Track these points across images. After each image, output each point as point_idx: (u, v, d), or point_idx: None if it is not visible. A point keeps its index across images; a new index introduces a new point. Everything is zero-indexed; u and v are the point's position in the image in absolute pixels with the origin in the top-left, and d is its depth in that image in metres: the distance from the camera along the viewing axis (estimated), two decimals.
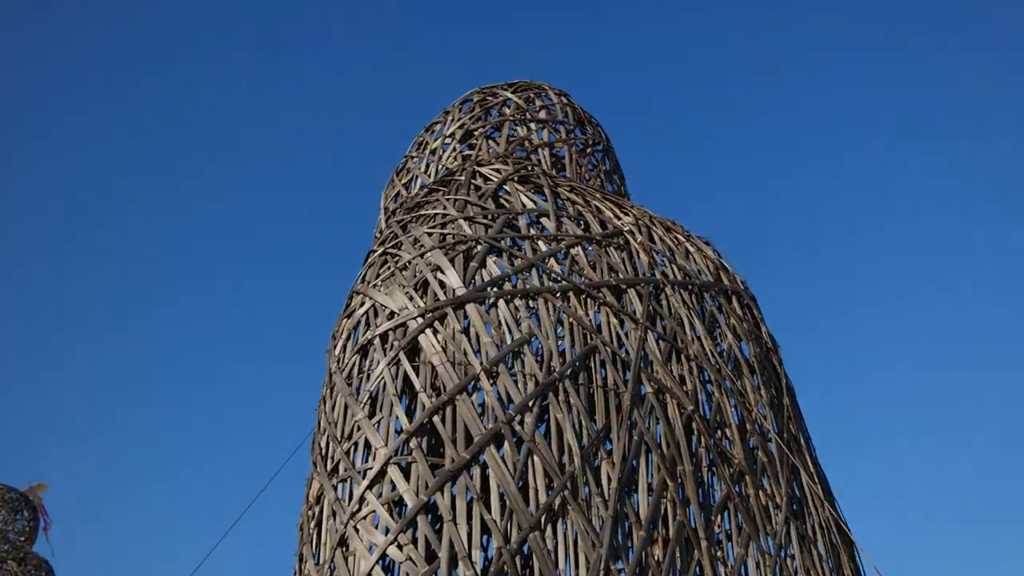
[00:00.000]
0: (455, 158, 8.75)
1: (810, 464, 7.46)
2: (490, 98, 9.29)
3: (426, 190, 7.97)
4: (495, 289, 6.80)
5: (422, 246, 7.06)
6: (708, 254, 8.32)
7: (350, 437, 6.29)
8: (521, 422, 6.21)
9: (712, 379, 7.24)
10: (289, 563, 6.39)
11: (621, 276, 7.35)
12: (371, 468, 5.97)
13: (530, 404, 6.28)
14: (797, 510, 7.00)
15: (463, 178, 7.76)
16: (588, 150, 9.30)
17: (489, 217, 7.35)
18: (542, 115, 9.19)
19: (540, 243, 7.28)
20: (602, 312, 7.11)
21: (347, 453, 6.20)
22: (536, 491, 5.94)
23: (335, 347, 6.99)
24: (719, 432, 7.01)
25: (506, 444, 6.10)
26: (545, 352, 6.64)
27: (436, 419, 6.13)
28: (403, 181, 9.13)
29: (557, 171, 8.70)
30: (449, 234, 7.11)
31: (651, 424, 6.68)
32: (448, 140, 9.11)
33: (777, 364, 8.01)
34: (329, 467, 6.27)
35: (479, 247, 7.04)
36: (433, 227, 7.23)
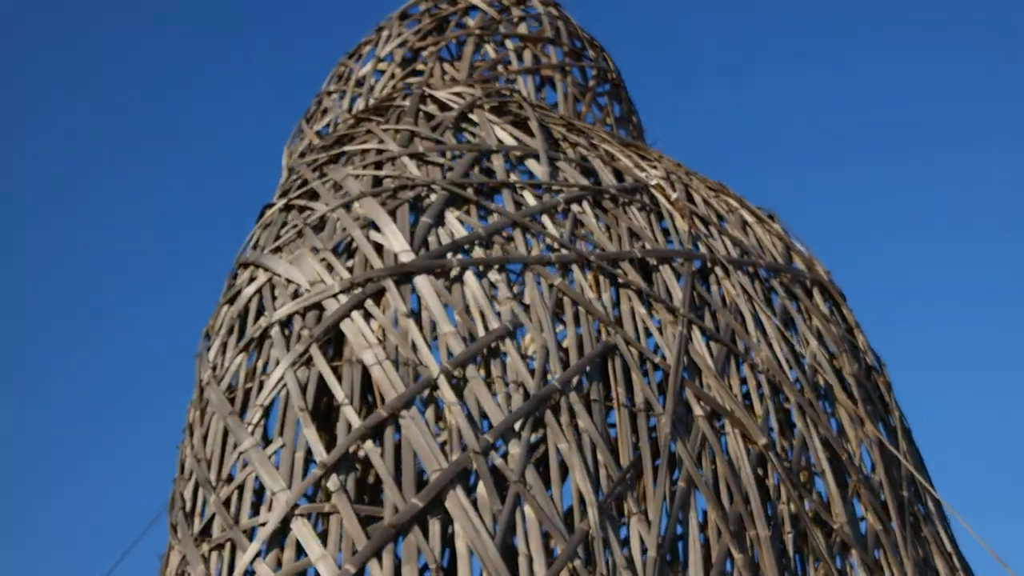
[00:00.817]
0: (394, 90, 8.12)
1: (944, 539, 6.81)
2: (445, 6, 8.73)
3: (351, 119, 7.31)
4: (459, 256, 6.13)
5: (346, 193, 6.37)
6: (774, 228, 7.77)
7: (231, 480, 5.50)
8: (504, 454, 5.50)
9: (792, 401, 6.60)
10: None
11: (649, 246, 6.72)
12: (264, 524, 5.20)
13: (517, 427, 5.57)
14: None
15: (408, 103, 7.12)
16: (591, 84, 8.75)
17: (449, 156, 6.71)
18: (522, 29, 8.63)
19: (526, 194, 6.64)
20: (622, 296, 6.46)
21: (226, 503, 5.41)
22: (529, 559, 5.19)
23: (209, 349, 6.23)
24: (806, 480, 6.36)
25: (480, 485, 5.36)
26: (538, 350, 5.95)
27: (369, 446, 5.38)
28: (316, 128, 8.48)
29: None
30: (388, 176, 6.44)
31: (704, 463, 6.00)
32: (382, 66, 8.50)
33: (885, 391, 7.41)
34: (197, 527, 5.47)
35: (433, 195, 6.38)
36: (363, 166, 6.55)
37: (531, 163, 6.89)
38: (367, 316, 5.79)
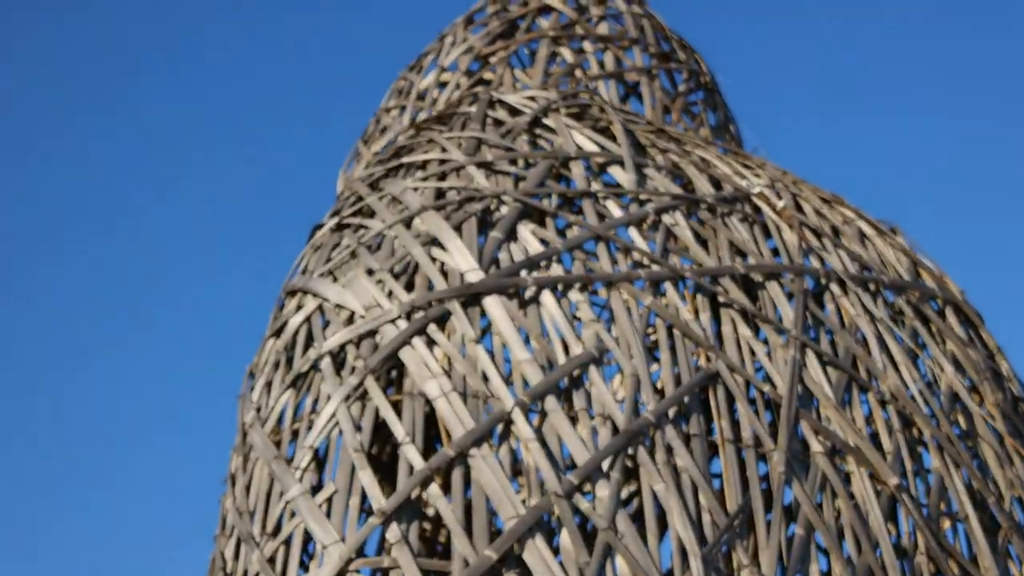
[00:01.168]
0: (459, 99, 7.90)
1: None
2: (515, 8, 8.51)
3: (411, 130, 7.09)
4: (534, 274, 5.83)
5: (405, 208, 6.13)
6: (898, 242, 7.35)
7: (278, 532, 5.23)
8: (591, 497, 5.15)
9: (927, 436, 6.16)
10: None
11: (754, 262, 6.36)
12: None
13: (605, 466, 5.23)
14: None
15: (475, 109, 6.88)
16: (681, 90, 8.44)
17: (521, 164, 6.44)
18: (602, 30, 8.37)
19: (610, 204, 6.34)
20: (724, 317, 6.10)
21: (271, 560, 5.13)
22: None
23: (252, 388, 6.00)
24: (946, 527, 5.91)
25: (564, 534, 5.02)
26: (627, 380, 5.61)
27: (434, 490, 5.07)
28: (375, 149, 8.28)
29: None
30: (453, 188, 6.18)
31: (825, 507, 5.58)
32: (446, 76, 8.29)
33: None
34: None
35: (504, 208, 6.10)
36: (424, 178, 6.31)
37: (615, 171, 6.60)
38: (430, 343, 5.52)
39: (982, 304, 7.51)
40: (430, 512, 6.49)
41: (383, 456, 5.95)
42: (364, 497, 5.14)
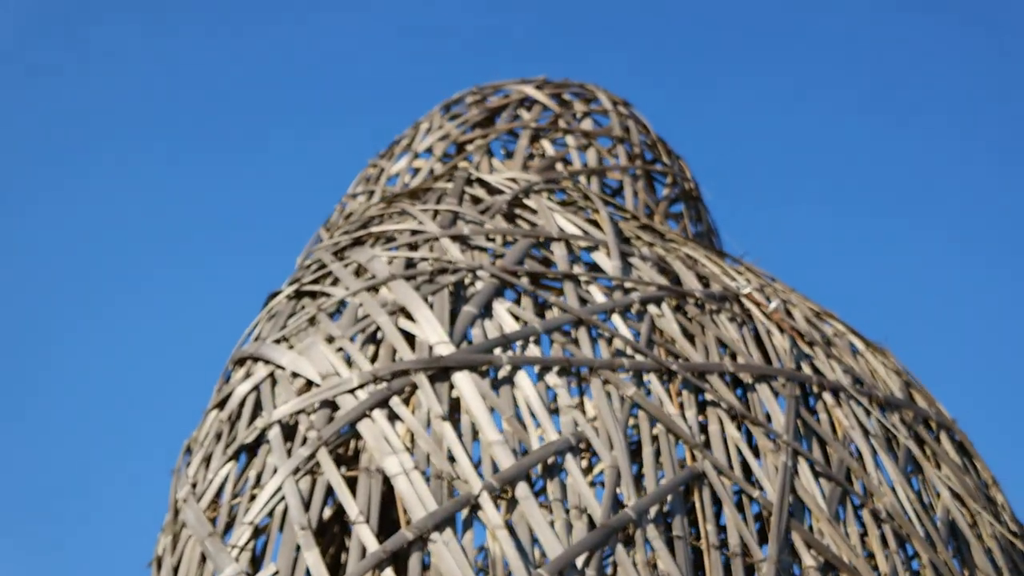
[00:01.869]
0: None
1: None
2: (496, 99, 8.29)
3: (382, 203, 6.75)
4: (510, 353, 5.44)
5: (372, 276, 5.74)
6: (890, 360, 7.05)
7: None
8: None
9: (925, 560, 5.74)
10: None
11: (743, 361, 6.01)
12: None
13: (579, 562, 4.77)
14: None
15: (452, 185, 6.57)
16: (665, 193, 8.20)
17: (499, 241, 6.10)
18: (586, 125, 8.15)
19: (593, 289, 6.00)
20: (711, 415, 5.72)
21: None
22: None
23: (189, 464, 5.51)
24: None
25: None
26: (607, 472, 5.19)
27: (388, 575, 4.58)
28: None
29: None
30: (425, 258, 5.82)
31: None
32: (419, 163, 8.00)
33: None
34: None
35: (480, 283, 5.74)
36: (396, 247, 5.94)
37: (598, 256, 6.28)
38: (392, 417, 5.08)
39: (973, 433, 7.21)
40: None
41: (333, 538, 5.45)
42: None
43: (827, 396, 6.22)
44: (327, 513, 6.03)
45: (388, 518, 5.06)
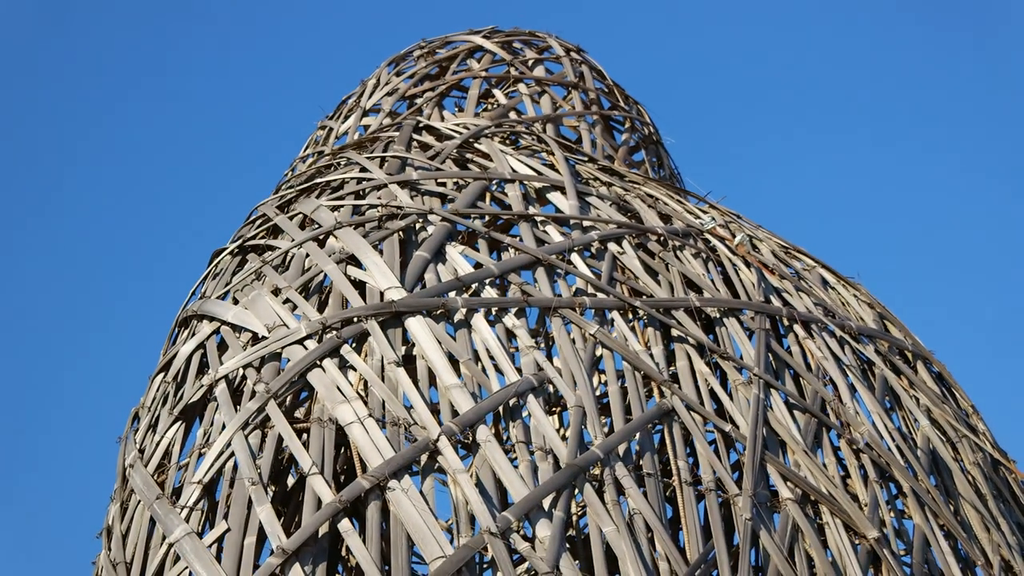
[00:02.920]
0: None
1: None
2: (444, 50, 8.12)
3: (327, 156, 6.58)
4: (465, 296, 5.29)
5: (318, 226, 5.58)
6: (863, 292, 6.93)
7: None
8: (530, 536, 4.54)
9: (906, 488, 5.63)
10: None
11: (709, 296, 5.88)
12: None
13: (546, 504, 4.63)
14: None
15: (399, 133, 6.41)
16: (624, 138, 8.04)
17: (450, 185, 5.95)
18: (539, 73, 7.98)
19: (550, 230, 5.85)
20: (678, 351, 5.59)
21: None
22: None
23: (136, 430, 5.34)
24: None
25: (499, 575, 4.39)
26: (572, 412, 5.05)
27: (346, 526, 4.44)
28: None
29: None
30: (372, 205, 5.66)
31: (796, 559, 5.00)
32: (368, 121, 7.82)
33: (1019, 490, 6.43)
34: None
35: (431, 227, 5.58)
36: (341, 197, 5.78)
37: (555, 197, 6.13)
38: (344, 365, 4.92)
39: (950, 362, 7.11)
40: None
41: (285, 490, 5.28)
42: (262, 535, 4.46)
43: (798, 328, 6.09)
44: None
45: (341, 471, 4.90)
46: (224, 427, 4.79)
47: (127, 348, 16.64)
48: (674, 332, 5.64)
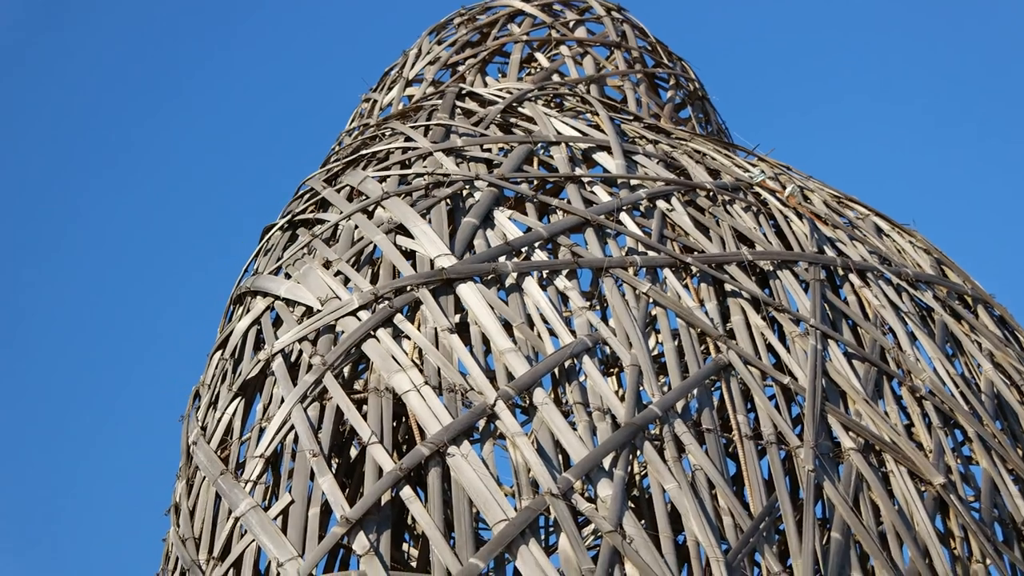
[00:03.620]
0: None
1: None
2: (485, 16, 8.12)
3: (372, 128, 6.62)
4: (515, 260, 5.32)
5: (365, 197, 5.63)
6: (919, 238, 6.89)
7: (226, 555, 4.62)
8: (591, 496, 4.58)
9: (971, 435, 5.60)
10: None
11: (761, 249, 5.87)
12: None
13: (606, 463, 4.66)
14: None
15: (443, 100, 6.43)
16: (670, 95, 8.01)
17: (495, 151, 5.97)
18: (580, 34, 7.97)
19: (598, 190, 5.86)
20: (732, 306, 5.59)
21: None
22: None
23: (197, 408, 5.43)
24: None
25: (562, 538, 4.43)
26: (628, 371, 5.07)
27: (407, 494, 4.49)
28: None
29: None
30: (419, 174, 5.69)
31: (862, 509, 5.00)
32: (412, 91, 7.85)
33: None
34: None
35: (478, 193, 5.61)
36: (387, 167, 5.82)
37: (602, 157, 6.13)
38: (398, 335, 4.97)
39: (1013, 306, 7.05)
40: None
41: (347, 461, 5.35)
42: (326, 506, 4.53)
43: (854, 278, 6.07)
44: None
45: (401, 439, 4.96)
46: (283, 401, 4.86)
47: (186, 328, 16.88)
48: (728, 287, 5.64)
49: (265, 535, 4.51)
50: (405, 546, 5.66)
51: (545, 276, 5.35)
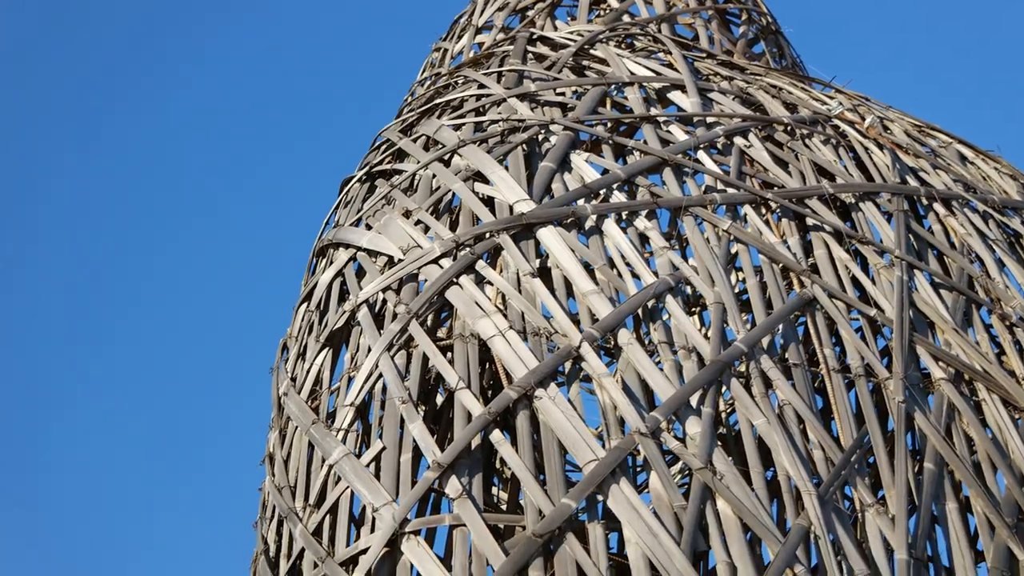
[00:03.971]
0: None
1: None
2: None
3: (444, 76, 6.64)
4: (594, 203, 5.33)
5: (441, 146, 5.66)
6: (1004, 164, 6.79)
7: (321, 502, 4.71)
8: (680, 435, 4.61)
9: None
10: None
11: (842, 181, 5.82)
12: (367, 550, 4.38)
13: (694, 401, 4.68)
14: None
15: (514, 46, 6.43)
16: (743, 30, 7.93)
17: (568, 94, 5.97)
18: None
19: (674, 129, 5.84)
20: (815, 240, 5.57)
21: (317, 533, 4.62)
22: (731, 568, 4.27)
23: (286, 360, 5.53)
24: None
25: (652, 477, 4.47)
26: (712, 309, 5.08)
27: (497, 437, 4.55)
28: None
29: None
30: (494, 120, 5.71)
31: (955, 438, 4.98)
32: (482, 38, 7.84)
33: None
34: (285, 573, 4.70)
35: (553, 137, 5.62)
36: (462, 115, 5.85)
37: (676, 96, 6.11)
38: (480, 281, 5.02)
39: None
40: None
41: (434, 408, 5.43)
42: (417, 452, 4.60)
43: (938, 207, 6.00)
44: None
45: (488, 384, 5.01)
46: (370, 350, 4.93)
47: (271, 283, 17.11)
48: (809, 221, 5.61)
49: (359, 481, 4.59)
50: (494, 490, 5.73)
51: (624, 217, 5.36)
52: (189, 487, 15.82)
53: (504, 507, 5.73)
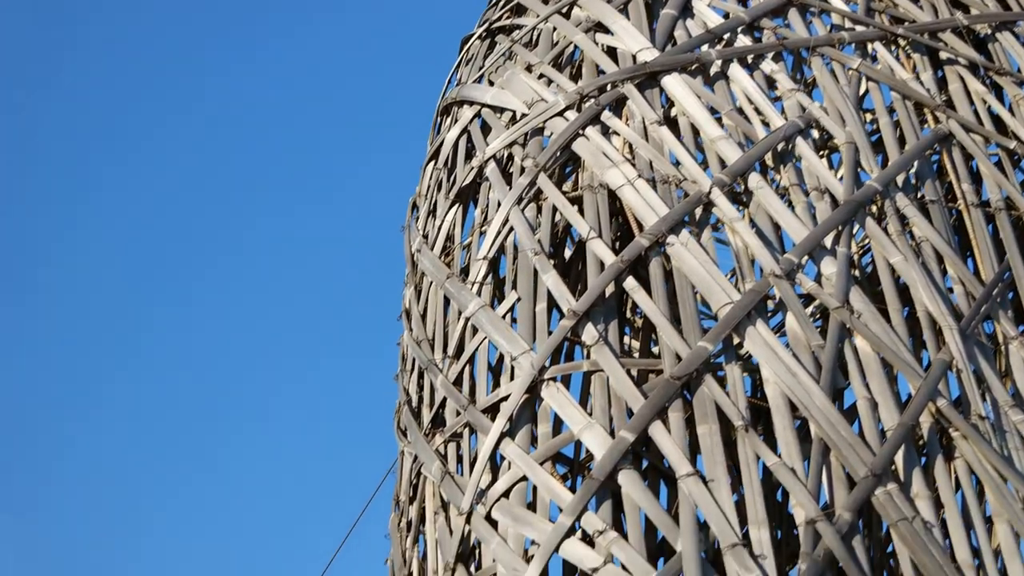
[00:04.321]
0: None
1: None
2: None
3: None
4: (718, 48, 5.26)
5: None
6: None
7: (460, 353, 4.82)
8: (815, 276, 4.60)
9: None
10: None
11: (976, 12, 5.65)
12: (507, 397, 4.49)
13: (828, 241, 4.65)
14: None
15: None
16: None
17: None
18: None
19: None
20: (949, 74, 5.44)
21: (457, 382, 4.74)
22: (872, 404, 4.29)
23: (416, 218, 5.62)
24: None
25: (789, 317, 4.47)
26: (844, 149, 5.01)
27: (631, 284, 4.59)
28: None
29: None
30: None
31: None
32: None
33: None
34: (428, 421, 4.84)
35: None
36: None
37: None
38: (606, 131, 5.01)
39: None
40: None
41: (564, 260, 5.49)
42: (552, 301, 4.67)
43: None
44: None
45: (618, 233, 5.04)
46: (499, 204, 4.98)
47: (397, 143, 17.34)
48: (943, 55, 5.47)
49: (496, 332, 4.68)
50: (626, 338, 5.78)
51: (750, 61, 5.29)
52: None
53: (636, 355, 5.79)
